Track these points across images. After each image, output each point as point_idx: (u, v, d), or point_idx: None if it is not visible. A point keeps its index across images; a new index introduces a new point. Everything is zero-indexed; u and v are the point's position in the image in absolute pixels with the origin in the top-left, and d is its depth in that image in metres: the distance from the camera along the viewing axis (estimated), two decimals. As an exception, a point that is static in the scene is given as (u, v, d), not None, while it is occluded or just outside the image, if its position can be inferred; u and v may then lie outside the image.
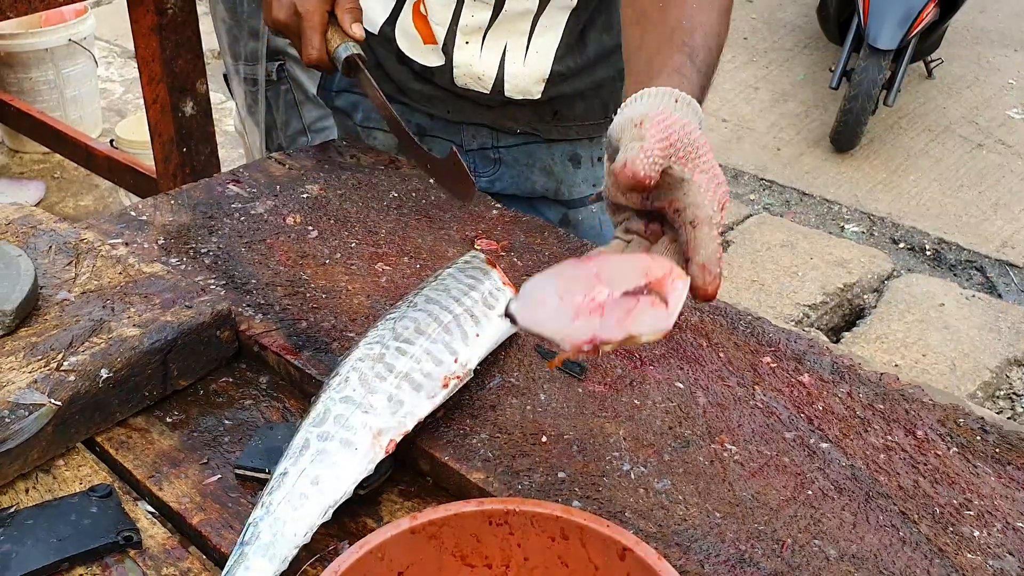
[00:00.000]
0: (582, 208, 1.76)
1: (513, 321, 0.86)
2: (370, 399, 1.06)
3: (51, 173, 4.36)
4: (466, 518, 0.86)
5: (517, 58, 1.57)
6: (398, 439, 1.05)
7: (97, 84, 4.67)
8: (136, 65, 5.25)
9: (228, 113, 4.23)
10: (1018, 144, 4.87)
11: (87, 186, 4.22)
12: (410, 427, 1.06)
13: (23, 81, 4.25)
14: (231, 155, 4.17)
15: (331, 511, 0.99)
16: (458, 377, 1.12)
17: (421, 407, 1.08)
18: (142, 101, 4.93)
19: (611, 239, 1.00)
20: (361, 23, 1.46)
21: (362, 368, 1.09)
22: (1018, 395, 3.37)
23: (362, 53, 1.46)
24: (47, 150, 4.10)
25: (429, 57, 1.61)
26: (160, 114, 2.71)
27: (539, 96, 1.60)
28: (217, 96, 4.04)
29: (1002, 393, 3.39)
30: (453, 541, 0.87)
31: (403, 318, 1.16)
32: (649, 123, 0.91)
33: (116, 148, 3.50)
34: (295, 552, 0.95)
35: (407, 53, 1.63)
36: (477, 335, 1.17)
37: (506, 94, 1.60)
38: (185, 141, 2.79)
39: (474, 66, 1.58)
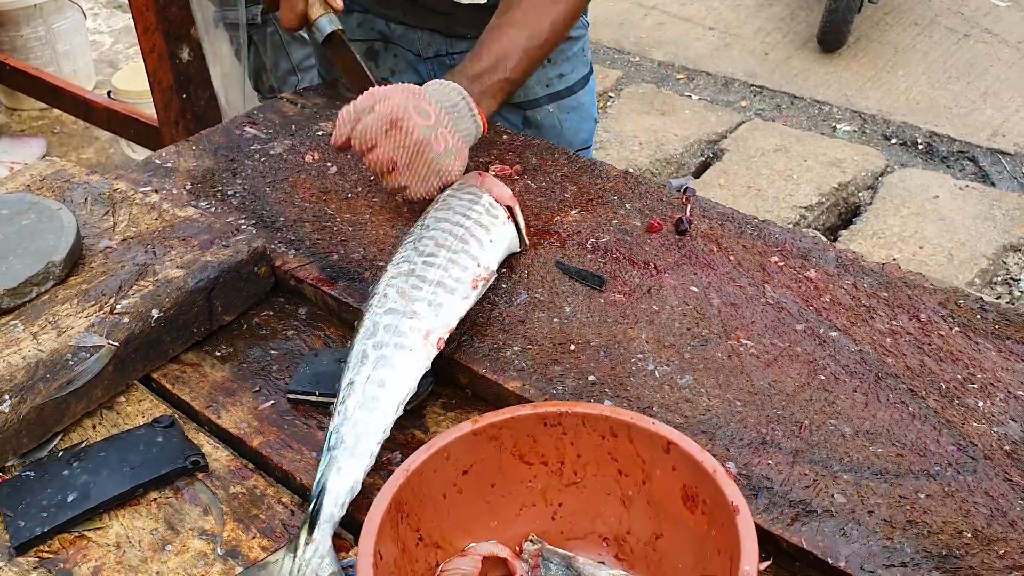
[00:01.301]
0: (539, 109, 1.82)
1: None
2: (412, 307, 1.15)
3: (50, 129, 4.38)
4: (522, 420, 0.94)
5: None
6: (445, 336, 1.14)
7: (87, 36, 4.67)
8: (123, 15, 5.26)
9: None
10: (1004, 32, 4.88)
11: (87, 139, 4.25)
12: (454, 324, 1.16)
13: (15, 39, 4.25)
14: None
15: (402, 407, 1.08)
16: (484, 279, 1.22)
17: (458, 307, 1.17)
18: (132, 51, 4.97)
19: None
20: None
21: (397, 283, 1.18)
22: (1015, 280, 3.45)
23: (343, 27, 1.49)
24: (44, 106, 4.12)
25: None
26: (158, 62, 2.74)
27: (484, 0, 1.66)
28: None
29: (999, 279, 3.47)
30: (512, 441, 0.95)
31: (421, 239, 1.24)
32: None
33: (114, 99, 3.52)
34: (379, 447, 1.04)
35: None
36: (491, 240, 1.26)
37: None
38: (184, 87, 2.83)
39: None
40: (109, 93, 3.67)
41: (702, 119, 4.34)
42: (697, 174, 4.03)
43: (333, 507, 0.99)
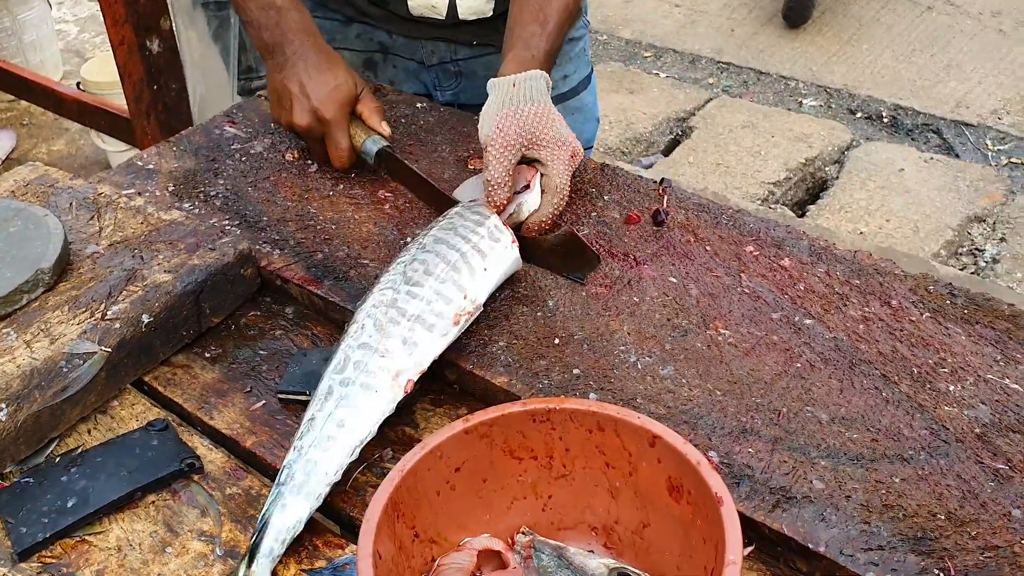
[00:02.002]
0: None
1: None
2: (386, 343, 1.14)
3: (19, 120, 4.35)
4: (512, 418, 0.97)
5: None
6: (415, 378, 1.13)
7: (54, 26, 4.63)
8: (89, 3, 5.21)
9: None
10: (966, 4, 4.94)
11: (57, 130, 4.22)
12: (426, 366, 1.14)
13: (-20, 31, 4.22)
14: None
15: (358, 450, 1.08)
16: (468, 313, 1.19)
17: (435, 346, 1.15)
18: (99, 39, 4.93)
19: None
20: (387, 121, 1.51)
21: (376, 315, 1.16)
22: (980, 250, 3.51)
23: (390, 145, 1.48)
24: (12, 98, 4.09)
25: None
26: (127, 55, 2.74)
27: (491, 13, 1.67)
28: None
29: (964, 250, 3.53)
30: (502, 438, 0.98)
31: (413, 261, 1.22)
32: (491, 147, 1.33)
33: (83, 91, 3.50)
34: (327, 489, 1.05)
35: None
36: (485, 269, 1.23)
37: (460, 16, 1.67)
38: (155, 79, 2.83)
39: None
40: (79, 84, 3.65)
41: (670, 97, 4.38)
42: (666, 152, 4.07)
43: (273, 542, 1.00)
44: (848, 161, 3.94)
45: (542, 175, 1.36)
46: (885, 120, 4.25)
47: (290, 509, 1.02)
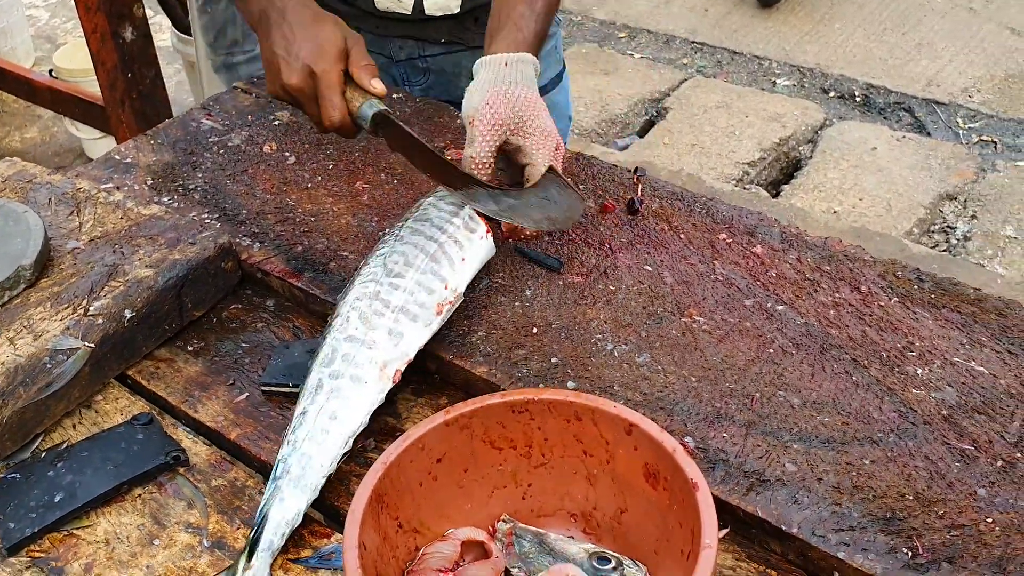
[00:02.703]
0: None
1: None
2: (372, 335, 1.16)
3: (-9, 108, 4.33)
4: (492, 409, 0.99)
5: None
6: (403, 368, 1.15)
7: (24, 12, 4.59)
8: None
9: (158, 29, 4.20)
10: (937, -19, 4.98)
11: (30, 118, 4.20)
12: (412, 356, 1.16)
13: (-51, 19, 4.18)
14: (166, 71, 4.15)
15: (351, 440, 1.10)
16: (450, 303, 1.21)
17: (420, 336, 1.18)
18: (71, 25, 4.89)
19: None
20: (379, 78, 1.37)
21: (360, 307, 1.18)
22: (952, 228, 3.56)
23: (388, 107, 1.36)
24: (-19, 86, 4.06)
25: None
26: (101, 43, 2.73)
27: (458, 10, 1.68)
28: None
29: (936, 228, 3.57)
30: (482, 429, 1.00)
31: (392, 253, 1.24)
32: (478, 122, 1.31)
33: (56, 78, 3.49)
34: (323, 480, 1.07)
35: None
36: (463, 259, 1.25)
37: (426, 12, 1.67)
38: (129, 66, 2.82)
39: None
40: (51, 72, 3.63)
41: (645, 78, 4.39)
42: (642, 133, 4.09)
43: (273, 536, 1.02)
44: (821, 140, 3.97)
45: (525, 165, 1.35)
46: (858, 99, 4.28)
47: (288, 502, 1.04)
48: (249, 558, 1.00)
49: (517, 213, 1.32)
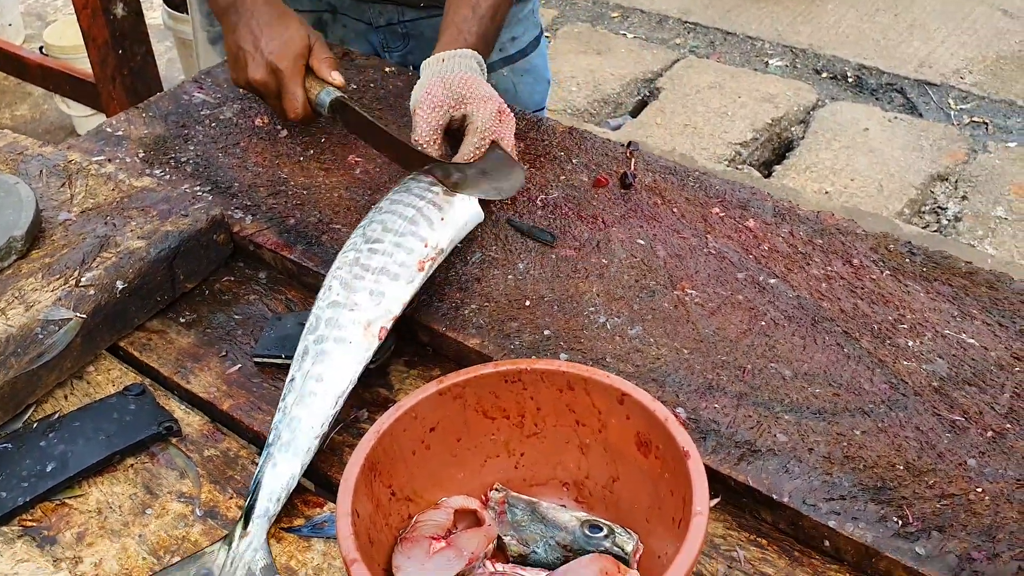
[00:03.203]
0: (493, 73, 1.84)
1: None
2: (353, 298, 1.16)
3: (-19, 85, 4.31)
4: (485, 379, 0.99)
5: None
6: (388, 325, 1.15)
7: (14, -10, 4.58)
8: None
9: (149, 6, 4.17)
10: (930, -37, 4.97)
11: (20, 95, 4.17)
12: (397, 312, 1.16)
13: (-62, -4, 4.15)
14: (157, 49, 4.13)
15: (341, 400, 1.10)
16: (432, 259, 1.21)
17: (402, 293, 1.18)
18: (60, 2, 4.85)
19: None
20: (339, 70, 1.48)
21: (341, 275, 1.19)
22: (943, 208, 3.56)
23: (343, 94, 1.46)
24: (-30, 64, 4.03)
25: None
26: (92, 19, 2.71)
27: None
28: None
29: (927, 208, 3.58)
30: (475, 399, 1.00)
31: (371, 223, 1.25)
32: (418, 108, 1.38)
33: (47, 55, 3.47)
34: (316, 443, 1.07)
35: None
36: (443, 219, 1.25)
37: None
38: (119, 43, 2.80)
39: None
40: (41, 49, 3.61)
41: (638, 57, 4.38)
42: (634, 113, 4.09)
43: (268, 502, 1.02)
44: (814, 121, 3.98)
45: (467, 122, 1.40)
46: (850, 80, 4.28)
47: (281, 467, 1.04)
48: (245, 525, 1.01)
49: (465, 184, 1.33)
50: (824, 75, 4.32)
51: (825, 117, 3.98)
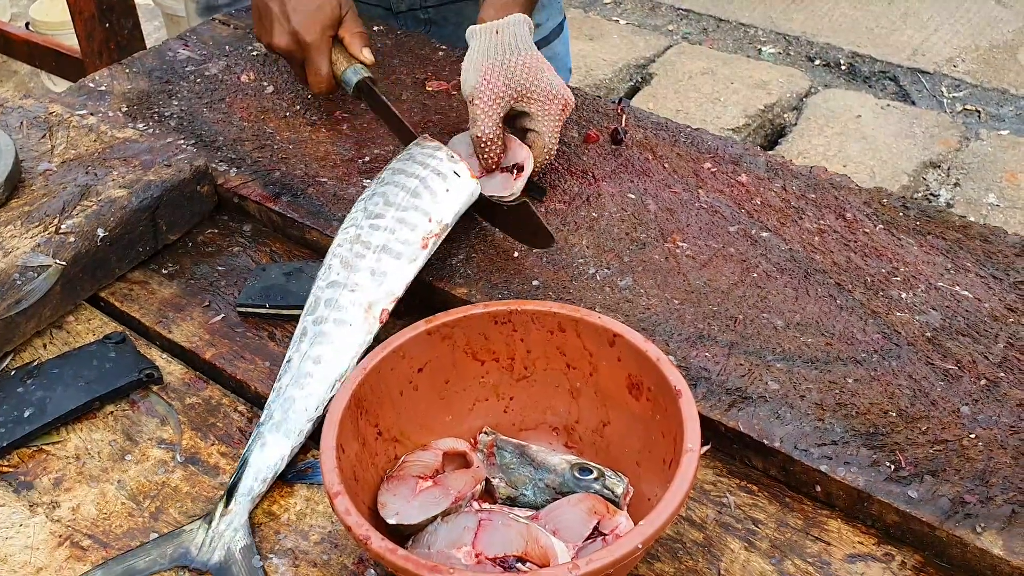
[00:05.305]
0: None
1: None
2: (354, 278, 1.11)
3: (-36, 63, 4.27)
4: (474, 319, 0.97)
5: None
6: (390, 307, 1.11)
7: (-2, -33, 4.53)
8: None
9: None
10: (922, -47, 4.96)
11: (5, 72, 4.13)
12: (399, 293, 1.12)
13: (-80, -28, 4.12)
14: (146, 27, 4.10)
15: (338, 384, 1.05)
16: (436, 235, 1.16)
17: (405, 272, 1.13)
18: (46, -20, 4.80)
19: None
20: (370, 47, 1.40)
21: (341, 252, 1.14)
22: (935, 195, 3.55)
23: (371, 75, 1.38)
24: (-45, 40, 4.00)
25: None
26: (78, -9, 2.68)
27: None
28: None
29: (919, 195, 3.57)
30: (464, 340, 0.98)
31: (373, 196, 1.19)
32: (478, 99, 1.26)
33: (33, 31, 3.43)
34: (310, 426, 1.03)
35: None
36: (447, 190, 1.19)
37: None
38: (107, 16, 2.77)
39: None
40: (27, 24, 3.58)
41: (630, 44, 4.36)
42: (627, 99, 4.07)
43: (253, 481, 0.99)
44: (806, 108, 3.96)
45: (530, 131, 1.30)
46: (843, 67, 4.27)
47: (270, 447, 1.01)
48: (228, 503, 0.97)
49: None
50: (817, 62, 4.31)
51: (818, 104, 3.97)
